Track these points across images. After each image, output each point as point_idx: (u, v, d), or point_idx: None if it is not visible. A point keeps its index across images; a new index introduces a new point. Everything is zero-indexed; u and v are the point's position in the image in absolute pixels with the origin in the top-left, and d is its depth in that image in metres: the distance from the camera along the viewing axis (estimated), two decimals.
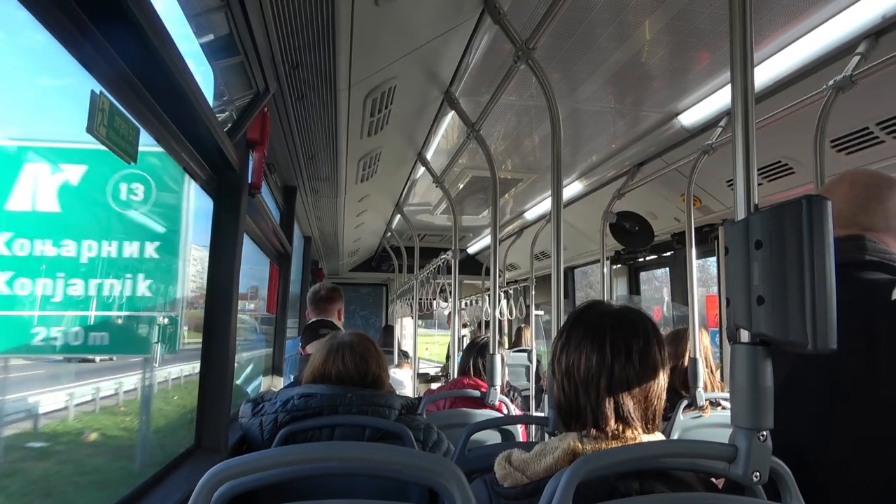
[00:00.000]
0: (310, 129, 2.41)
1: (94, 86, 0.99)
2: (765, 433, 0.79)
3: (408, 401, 1.61)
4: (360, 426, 1.50)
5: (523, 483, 0.91)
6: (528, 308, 5.07)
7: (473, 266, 6.55)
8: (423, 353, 8.26)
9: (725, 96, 2.28)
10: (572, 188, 3.65)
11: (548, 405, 1.55)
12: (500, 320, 4.01)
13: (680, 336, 2.48)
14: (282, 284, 3.55)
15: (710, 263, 3.74)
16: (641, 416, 0.95)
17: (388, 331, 6.47)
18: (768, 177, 2.52)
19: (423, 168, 3.24)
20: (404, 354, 5.93)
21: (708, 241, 3.31)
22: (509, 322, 6.49)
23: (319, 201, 3.82)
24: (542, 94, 1.71)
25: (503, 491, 0.93)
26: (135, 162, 1.11)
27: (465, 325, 7.20)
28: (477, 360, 2.67)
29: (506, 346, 5.93)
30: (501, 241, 5.09)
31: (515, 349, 5.29)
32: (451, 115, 2.56)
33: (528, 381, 4.68)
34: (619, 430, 0.94)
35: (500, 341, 4.90)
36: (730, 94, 0.88)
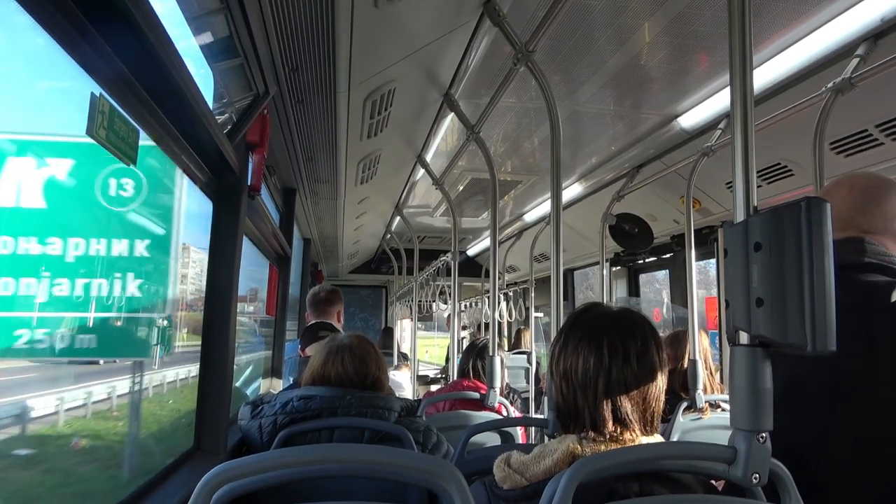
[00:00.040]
0: (309, 132, 2.41)
1: (93, 88, 0.99)
2: (764, 435, 0.79)
3: (407, 403, 1.60)
4: (359, 428, 1.50)
5: (522, 485, 0.91)
6: (527, 310, 5.06)
7: (473, 268, 6.53)
8: (422, 356, 8.23)
9: (725, 99, 2.28)
10: (572, 190, 3.65)
11: (547, 407, 1.55)
12: (499, 322, 4.01)
13: (679, 338, 2.48)
14: (281, 286, 3.55)
15: (709, 265, 3.75)
16: (640, 418, 0.95)
17: (388, 333, 6.47)
18: (767, 179, 2.52)
19: (423, 170, 3.24)
20: (404, 356, 5.92)
21: (707, 243, 3.31)
22: (509, 324, 6.49)
23: (319, 203, 3.82)
24: (542, 96, 1.71)
25: (502, 493, 0.93)
26: (134, 164, 1.11)
27: (464, 327, 7.19)
28: (476, 363, 2.66)
29: (505, 348, 5.91)
30: (501, 243, 5.07)
31: (515, 351, 5.29)
32: (451, 118, 2.56)
33: (528, 383, 4.68)
34: (617, 433, 0.93)
35: (500, 343, 4.89)
36: (729, 96, 0.88)
